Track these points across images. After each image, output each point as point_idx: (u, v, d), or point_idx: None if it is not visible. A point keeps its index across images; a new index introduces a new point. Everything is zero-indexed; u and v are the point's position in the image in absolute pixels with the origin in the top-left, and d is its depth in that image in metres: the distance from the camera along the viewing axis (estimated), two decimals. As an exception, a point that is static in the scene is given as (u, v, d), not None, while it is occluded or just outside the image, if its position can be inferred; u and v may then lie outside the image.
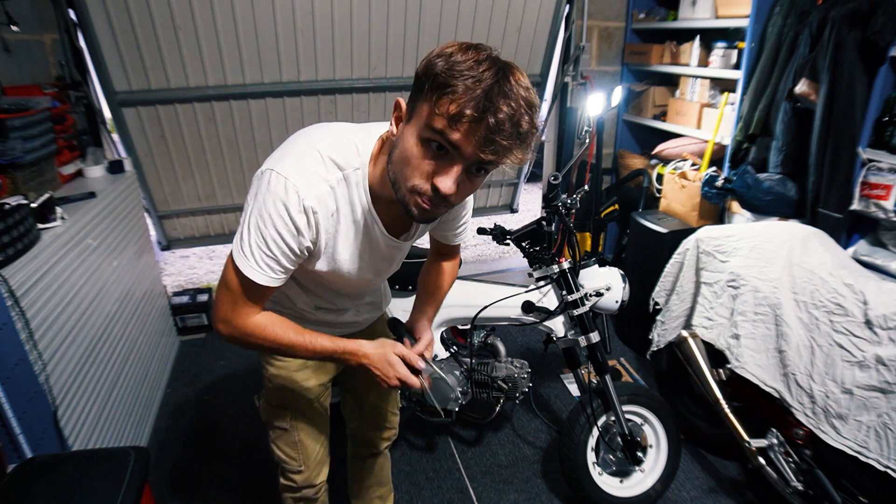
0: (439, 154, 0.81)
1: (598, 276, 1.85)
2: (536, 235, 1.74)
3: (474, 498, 1.95)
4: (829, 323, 1.67)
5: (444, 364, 1.99)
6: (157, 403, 2.43)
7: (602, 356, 1.72)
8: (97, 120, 2.60)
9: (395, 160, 0.86)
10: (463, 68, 0.76)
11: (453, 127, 0.77)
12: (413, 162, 0.83)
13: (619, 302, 1.84)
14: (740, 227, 2.08)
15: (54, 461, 1.31)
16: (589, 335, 1.71)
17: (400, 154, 0.85)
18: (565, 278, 1.71)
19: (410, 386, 1.09)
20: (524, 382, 1.93)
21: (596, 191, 3.08)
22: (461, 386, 1.94)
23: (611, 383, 1.71)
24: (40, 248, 1.55)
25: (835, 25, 1.97)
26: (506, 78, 0.77)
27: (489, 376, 1.96)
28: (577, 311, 1.71)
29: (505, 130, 0.76)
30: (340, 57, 2.70)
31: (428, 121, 0.79)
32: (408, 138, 0.83)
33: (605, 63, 3.28)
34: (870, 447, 1.56)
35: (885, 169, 1.90)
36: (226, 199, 3.06)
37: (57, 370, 1.56)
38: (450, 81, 0.76)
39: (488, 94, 0.75)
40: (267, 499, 1.95)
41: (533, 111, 0.79)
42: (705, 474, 2.03)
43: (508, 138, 0.77)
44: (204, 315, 3.02)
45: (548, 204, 1.80)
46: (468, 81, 0.75)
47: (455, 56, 0.78)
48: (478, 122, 0.76)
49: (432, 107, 0.78)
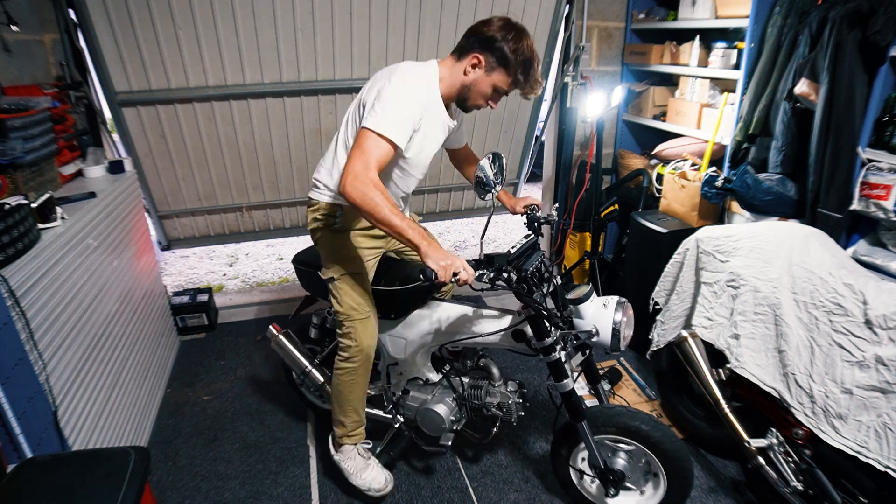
0: (496, 95, 1.58)
1: (590, 314, 1.62)
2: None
3: (474, 498, 1.95)
4: (828, 323, 1.67)
5: (437, 392, 1.92)
6: (157, 403, 2.43)
7: (577, 402, 1.60)
8: (97, 120, 2.60)
9: (473, 89, 1.55)
10: (523, 58, 1.49)
11: (510, 89, 1.57)
12: (485, 93, 1.56)
13: (616, 340, 1.59)
14: (740, 227, 2.08)
15: (54, 461, 1.31)
16: (562, 383, 1.58)
17: (478, 87, 1.54)
18: (534, 324, 1.55)
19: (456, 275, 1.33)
20: (518, 408, 1.83)
21: (596, 191, 3.08)
22: (453, 414, 1.87)
23: (586, 427, 1.61)
24: (40, 248, 1.55)
25: (835, 25, 1.97)
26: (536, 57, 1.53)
27: (482, 403, 1.85)
28: (548, 358, 1.57)
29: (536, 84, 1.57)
30: (340, 57, 2.71)
31: (498, 83, 1.53)
32: (485, 82, 1.53)
33: (605, 63, 3.28)
34: (870, 447, 1.56)
35: (885, 169, 1.90)
36: (226, 199, 3.06)
37: (57, 370, 1.56)
38: (514, 66, 1.50)
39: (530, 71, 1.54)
40: (267, 499, 1.95)
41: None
42: (705, 474, 2.03)
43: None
44: (204, 315, 3.02)
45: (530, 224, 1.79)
46: (527, 67, 1.51)
47: (520, 46, 1.48)
48: (522, 87, 1.56)
49: (503, 75, 1.52)
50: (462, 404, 1.89)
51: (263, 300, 3.36)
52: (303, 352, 2.11)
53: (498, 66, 1.50)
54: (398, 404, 1.98)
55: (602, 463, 1.66)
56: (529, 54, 1.49)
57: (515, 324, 1.65)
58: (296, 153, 3.00)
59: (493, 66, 1.50)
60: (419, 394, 1.94)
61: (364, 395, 1.86)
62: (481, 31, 1.50)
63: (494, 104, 1.61)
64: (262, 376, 2.66)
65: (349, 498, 1.94)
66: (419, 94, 1.49)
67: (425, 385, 1.95)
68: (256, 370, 2.72)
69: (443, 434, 1.87)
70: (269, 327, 2.13)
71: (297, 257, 2.05)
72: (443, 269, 1.30)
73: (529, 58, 1.49)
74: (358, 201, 1.34)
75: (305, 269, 1.97)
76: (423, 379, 1.94)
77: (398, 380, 1.98)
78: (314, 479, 2.03)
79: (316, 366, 2.09)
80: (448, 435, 1.87)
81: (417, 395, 1.94)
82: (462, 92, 1.56)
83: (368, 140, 1.38)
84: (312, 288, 2.05)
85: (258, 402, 2.47)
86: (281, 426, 2.32)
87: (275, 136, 2.88)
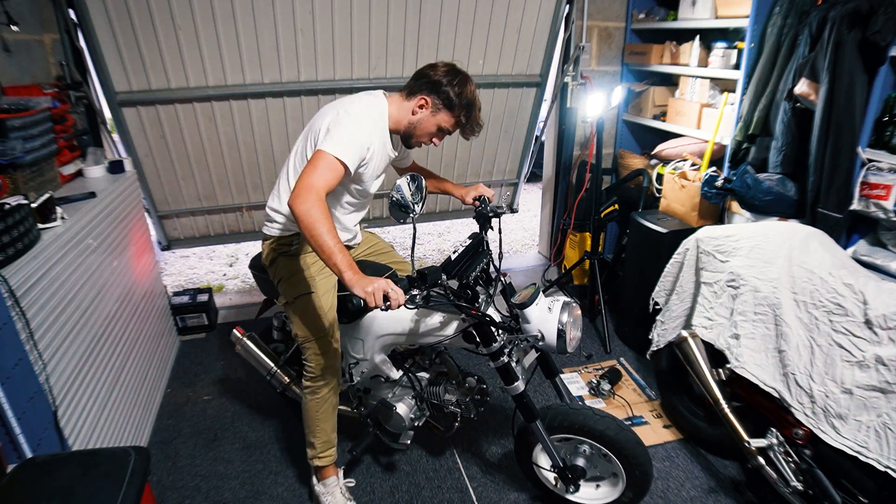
0: (440, 134, 1.68)
1: (535, 317, 1.57)
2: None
3: (474, 498, 1.95)
4: (828, 323, 1.67)
5: (397, 390, 1.93)
6: (157, 403, 2.43)
7: (529, 403, 1.62)
8: (97, 120, 2.60)
9: (419, 127, 1.65)
10: (466, 102, 1.61)
11: (453, 129, 1.68)
12: (430, 132, 1.66)
13: (563, 341, 1.53)
14: (740, 227, 2.08)
15: (54, 461, 1.31)
16: (512, 386, 1.60)
17: (424, 127, 1.64)
18: (479, 330, 1.54)
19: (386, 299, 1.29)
20: (477, 403, 1.84)
21: (596, 191, 3.09)
22: (413, 412, 1.88)
23: (541, 427, 1.63)
24: (40, 248, 1.55)
25: (834, 25, 1.97)
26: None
27: (441, 401, 1.88)
28: (496, 363, 1.57)
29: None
30: (340, 57, 2.70)
31: (442, 123, 1.64)
32: (430, 122, 1.63)
33: (604, 63, 3.28)
34: (870, 447, 1.56)
35: (885, 169, 1.90)
36: (226, 199, 3.06)
37: (57, 370, 1.56)
38: (457, 108, 1.61)
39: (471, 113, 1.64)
40: (267, 499, 1.95)
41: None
42: (705, 474, 2.03)
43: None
44: (204, 315, 3.02)
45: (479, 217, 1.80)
46: (469, 110, 1.63)
47: (464, 90, 1.60)
48: (463, 127, 1.67)
49: (447, 116, 1.63)
50: (423, 401, 1.91)
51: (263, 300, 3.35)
52: (268, 353, 2.12)
53: (443, 107, 1.61)
54: (361, 402, 2.00)
55: (560, 461, 1.68)
56: (472, 98, 1.61)
57: (461, 329, 1.64)
58: (296, 153, 2.99)
59: (438, 107, 1.61)
60: (380, 392, 1.95)
61: (333, 417, 1.86)
62: (429, 74, 1.60)
63: (438, 142, 1.71)
64: (262, 376, 2.65)
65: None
66: (371, 124, 1.58)
67: (387, 382, 1.95)
68: (256, 370, 2.71)
69: (403, 432, 1.89)
70: (234, 331, 2.15)
71: (252, 263, 2.04)
72: (369, 294, 1.27)
73: (471, 101, 1.61)
74: (301, 215, 1.36)
75: (259, 274, 1.96)
76: (385, 377, 1.94)
77: (361, 377, 1.99)
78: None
79: (281, 366, 2.10)
80: (409, 433, 1.90)
81: (378, 394, 1.95)
82: (408, 129, 1.66)
83: (322, 160, 1.44)
84: (269, 292, 2.05)
85: (258, 402, 2.47)
86: (281, 426, 2.32)
87: (275, 136, 2.88)
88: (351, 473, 2.04)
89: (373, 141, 1.58)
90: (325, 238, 1.34)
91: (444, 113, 1.61)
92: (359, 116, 1.55)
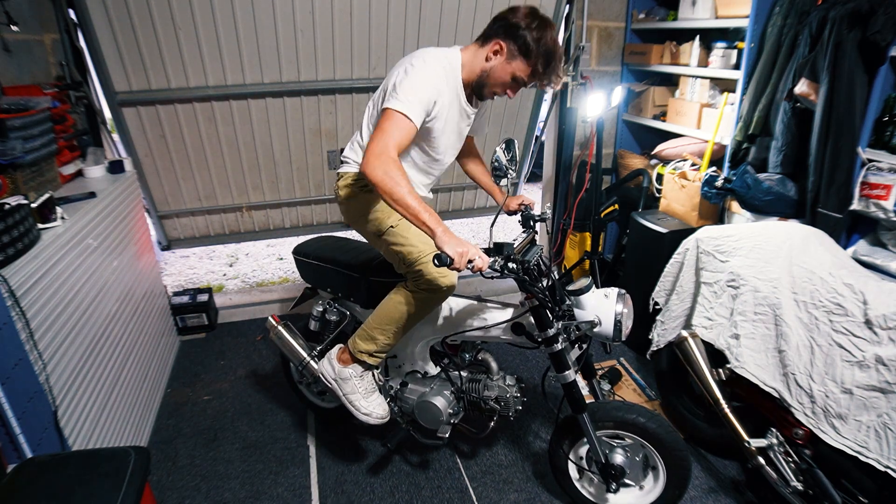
0: (514, 85, 1.58)
1: (591, 304, 1.63)
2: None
3: (474, 498, 1.95)
4: (828, 323, 1.67)
5: (435, 385, 1.92)
6: (157, 403, 2.43)
7: (578, 394, 1.62)
8: (97, 120, 2.60)
9: (491, 76, 1.55)
10: (545, 49, 1.48)
11: (529, 80, 1.56)
12: (504, 81, 1.56)
13: (618, 330, 1.59)
14: (740, 227, 2.08)
15: (54, 461, 1.31)
16: (564, 374, 1.60)
17: (497, 75, 1.55)
18: (537, 315, 1.57)
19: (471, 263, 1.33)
20: (516, 402, 1.84)
21: (596, 191, 3.08)
22: (451, 407, 1.87)
23: (587, 420, 1.63)
24: (40, 248, 1.55)
25: (835, 25, 1.97)
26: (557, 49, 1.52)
27: (480, 396, 1.87)
28: (550, 349, 1.59)
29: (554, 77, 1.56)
30: (340, 57, 2.70)
31: (517, 72, 1.53)
32: (504, 70, 1.53)
33: (604, 63, 3.28)
34: (870, 447, 1.56)
35: (885, 169, 1.90)
36: (226, 199, 3.06)
37: (57, 370, 1.56)
38: (535, 56, 1.49)
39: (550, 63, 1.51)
40: (267, 499, 1.95)
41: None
42: (705, 474, 2.03)
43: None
44: (204, 315, 3.02)
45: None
46: (549, 58, 1.50)
47: (544, 36, 1.47)
48: (541, 78, 1.54)
49: (523, 64, 1.51)
50: (460, 397, 1.90)
51: (263, 300, 3.36)
52: (301, 343, 2.09)
53: (519, 54, 1.50)
54: (396, 397, 1.98)
55: (603, 457, 1.67)
56: (552, 46, 1.48)
57: (518, 315, 1.67)
58: (296, 153, 3.00)
59: (514, 54, 1.50)
60: (417, 386, 1.94)
61: (410, 329, 1.77)
62: (506, 17, 1.50)
63: (513, 94, 1.60)
64: (262, 376, 2.66)
65: (349, 498, 1.94)
66: (437, 78, 1.50)
67: (423, 378, 1.95)
68: (256, 370, 2.72)
69: (440, 427, 1.87)
70: (269, 318, 2.11)
71: (298, 249, 2.03)
72: (459, 255, 1.29)
73: (551, 49, 1.48)
74: (377, 180, 1.34)
75: (306, 260, 1.95)
76: (422, 372, 1.95)
77: (396, 373, 1.98)
78: (314, 479, 2.03)
79: (314, 358, 2.07)
80: (445, 427, 1.87)
81: (416, 388, 1.94)
82: (481, 78, 1.56)
83: (389, 120, 1.41)
84: (313, 279, 2.03)
85: (258, 402, 2.47)
86: (281, 426, 2.32)
87: (275, 136, 2.88)
88: (351, 473, 2.04)
89: (441, 92, 1.51)
90: (407, 199, 1.32)
91: (519, 60, 1.50)
92: (425, 68, 1.49)
